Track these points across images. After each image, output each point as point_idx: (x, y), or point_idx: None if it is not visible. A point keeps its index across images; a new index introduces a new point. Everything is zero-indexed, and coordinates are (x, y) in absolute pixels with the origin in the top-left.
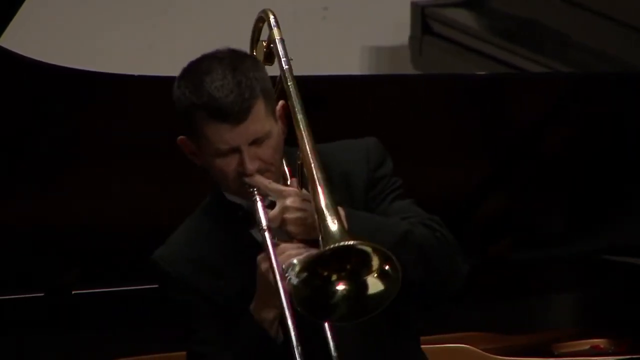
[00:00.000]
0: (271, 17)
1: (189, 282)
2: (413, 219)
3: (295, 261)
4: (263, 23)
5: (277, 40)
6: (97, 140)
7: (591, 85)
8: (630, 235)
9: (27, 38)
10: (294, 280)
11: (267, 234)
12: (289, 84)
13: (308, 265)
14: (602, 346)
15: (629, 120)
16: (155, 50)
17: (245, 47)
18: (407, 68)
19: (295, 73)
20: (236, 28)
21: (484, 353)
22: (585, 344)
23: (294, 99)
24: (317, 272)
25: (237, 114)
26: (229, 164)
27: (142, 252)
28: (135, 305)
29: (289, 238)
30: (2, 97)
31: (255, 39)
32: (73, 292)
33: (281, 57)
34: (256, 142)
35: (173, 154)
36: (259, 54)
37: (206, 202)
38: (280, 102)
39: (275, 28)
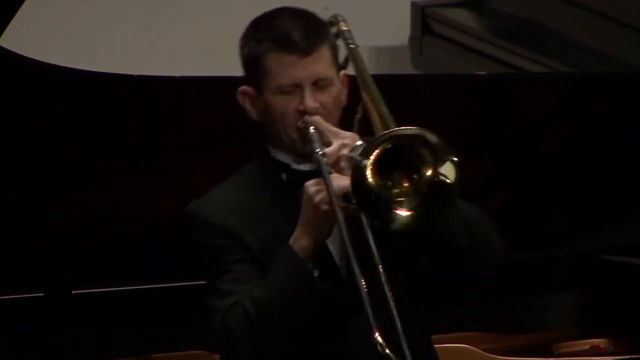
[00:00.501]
0: (338, 17)
1: (223, 226)
2: None
3: (359, 142)
4: (331, 26)
5: (344, 30)
6: (97, 140)
7: (591, 85)
8: (630, 235)
9: (27, 38)
10: (358, 161)
11: (322, 159)
12: (356, 59)
13: (373, 147)
14: (602, 346)
15: (629, 120)
16: (155, 50)
17: None
18: (407, 68)
19: None
20: (236, 28)
21: (484, 353)
22: (585, 344)
23: (359, 66)
24: (379, 161)
25: (304, 47)
26: (290, 102)
27: (141, 252)
28: (136, 305)
29: None
30: (2, 97)
31: None
32: (73, 292)
33: (347, 39)
34: (319, 84)
35: (173, 154)
36: None
37: (248, 165)
38: (343, 72)
39: (343, 22)
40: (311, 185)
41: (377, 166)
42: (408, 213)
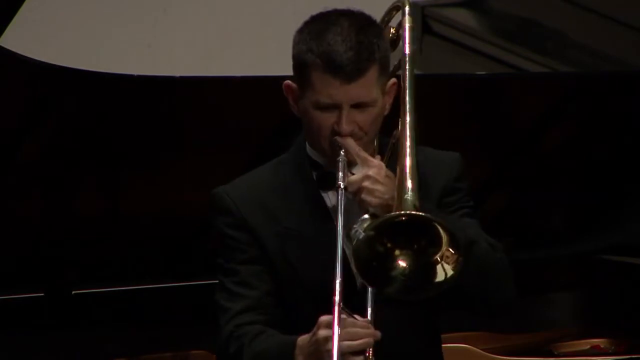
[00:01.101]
0: (407, 7)
1: (244, 219)
2: (479, 236)
3: (366, 216)
4: (397, 11)
5: (407, 27)
6: (96, 140)
7: (591, 85)
8: (630, 235)
9: (27, 38)
10: (360, 235)
11: (341, 192)
12: (407, 67)
13: (378, 224)
14: (602, 346)
15: (629, 120)
16: (155, 50)
17: (245, 48)
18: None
19: None
20: (236, 28)
21: (484, 353)
22: (585, 344)
23: (407, 83)
24: (383, 236)
25: (349, 73)
26: (326, 119)
27: (142, 252)
28: (135, 305)
29: (359, 210)
30: (2, 97)
31: (384, 22)
32: (73, 292)
33: (406, 42)
34: (359, 106)
35: (172, 154)
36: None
37: (283, 156)
38: (393, 80)
39: (409, 16)
40: (323, 327)
41: (383, 237)
42: (401, 279)
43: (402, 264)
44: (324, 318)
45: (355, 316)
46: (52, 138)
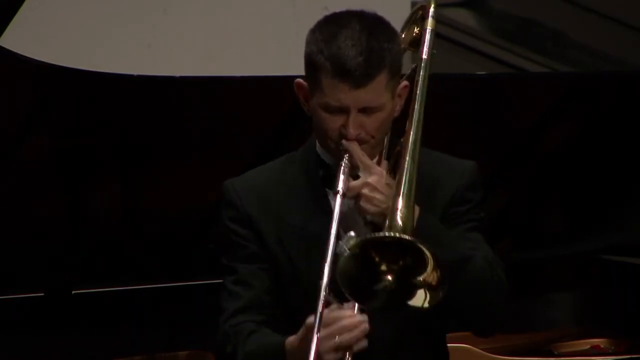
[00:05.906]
0: (432, 8)
1: (247, 215)
2: (480, 252)
3: (352, 234)
4: (423, 11)
5: (428, 30)
6: (95, 140)
7: (591, 85)
8: (630, 235)
9: (27, 38)
10: (345, 251)
11: (339, 199)
12: (421, 73)
13: (363, 243)
14: (602, 346)
15: (629, 120)
16: (155, 50)
17: (245, 48)
18: (406, 68)
19: (296, 73)
20: (236, 28)
21: (484, 353)
22: (585, 344)
23: (419, 89)
24: (369, 254)
25: (358, 78)
26: (334, 122)
27: (142, 252)
28: (135, 305)
29: (358, 218)
30: (2, 97)
31: (409, 21)
32: (73, 292)
33: (426, 46)
34: (366, 110)
35: (172, 154)
36: (407, 35)
37: (294, 153)
38: (405, 83)
39: (432, 19)
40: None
41: (368, 256)
42: (384, 295)
43: (387, 279)
44: (310, 319)
45: (345, 305)
46: (52, 138)
